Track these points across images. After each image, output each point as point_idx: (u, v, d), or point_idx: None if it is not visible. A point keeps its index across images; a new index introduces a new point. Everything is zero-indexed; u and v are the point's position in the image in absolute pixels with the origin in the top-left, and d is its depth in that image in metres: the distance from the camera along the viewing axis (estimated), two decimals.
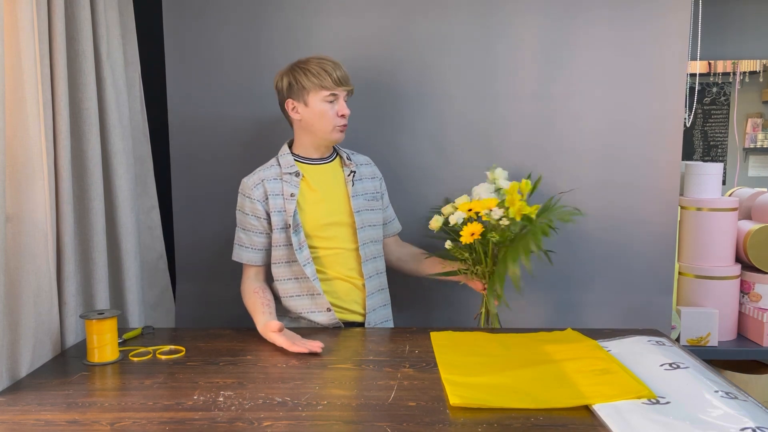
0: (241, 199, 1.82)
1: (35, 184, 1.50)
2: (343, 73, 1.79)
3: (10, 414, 1.24)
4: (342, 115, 1.79)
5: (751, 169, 5.94)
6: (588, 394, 1.28)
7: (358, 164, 1.91)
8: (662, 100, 2.11)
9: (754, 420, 1.12)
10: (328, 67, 1.77)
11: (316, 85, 1.76)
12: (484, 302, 1.89)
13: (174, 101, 2.15)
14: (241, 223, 1.82)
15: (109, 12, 1.87)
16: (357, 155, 1.95)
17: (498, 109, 2.13)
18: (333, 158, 1.89)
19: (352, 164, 1.88)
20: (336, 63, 1.79)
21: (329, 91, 1.76)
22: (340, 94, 1.79)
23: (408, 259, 2.01)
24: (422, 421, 1.19)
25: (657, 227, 2.15)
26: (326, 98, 1.77)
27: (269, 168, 1.83)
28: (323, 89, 1.76)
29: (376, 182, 1.94)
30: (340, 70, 1.79)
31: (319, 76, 1.76)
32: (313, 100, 1.77)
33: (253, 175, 1.83)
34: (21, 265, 1.45)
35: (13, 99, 1.44)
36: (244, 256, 1.83)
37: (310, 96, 1.77)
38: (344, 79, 1.79)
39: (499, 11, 2.09)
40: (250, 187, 1.80)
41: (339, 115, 1.79)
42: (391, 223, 2.00)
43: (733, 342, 2.37)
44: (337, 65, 1.79)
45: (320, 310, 1.81)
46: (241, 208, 1.82)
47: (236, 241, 1.84)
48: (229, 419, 1.20)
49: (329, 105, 1.78)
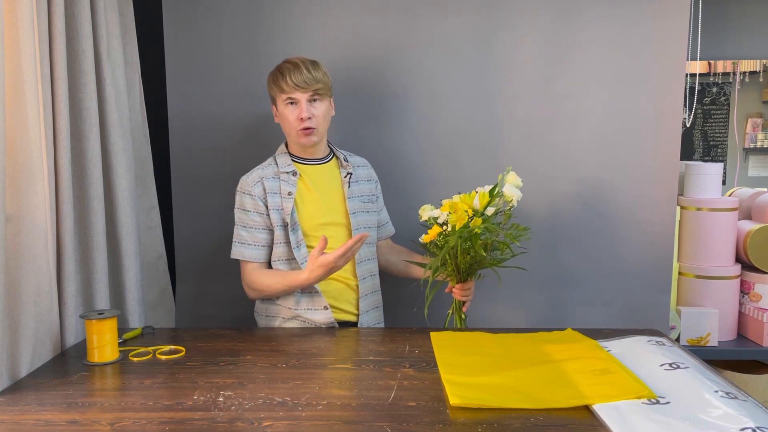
0: (240, 197, 1.82)
1: (35, 184, 1.50)
2: (304, 75, 1.72)
3: (10, 414, 1.24)
4: (300, 118, 1.75)
5: (751, 169, 5.94)
6: (588, 394, 1.28)
7: (355, 166, 1.91)
8: (662, 100, 2.11)
9: (754, 420, 1.12)
10: (286, 70, 1.74)
11: (275, 90, 1.77)
12: (453, 303, 1.87)
13: (174, 101, 2.15)
14: (242, 221, 1.82)
15: (109, 12, 1.87)
16: (354, 157, 1.95)
17: (497, 108, 2.13)
18: (329, 159, 1.89)
19: (348, 166, 1.88)
20: (296, 64, 1.74)
21: (286, 95, 1.75)
22: (300, 97, 1.74)
23: (397, 262, 2.01)
24: (422, 421, 1.19)
25: (656, 227, 2.15)
26: (285, 102, 1.76)
27: (267, 167, 1.84)
28: (281, 93, 1.75)
29: (372, 184, 1.94)
30: (299, 71, 1.72)
31: (277, 80, 1.76)
32: (279, 104, 1.79)
33: (251, 173, 1.83)
34: (21, 265, 1.45)
35: (13, 99, 1.44)
36: (246, 254, 1.82)
37: (277, 101, 1.79)
38: (302, 81, 1.72)
39: (498, 11, 2.09)
40: (250, 184, 1.80)
41: (298, 118, 1.75)
42: (384, 226, 2.01)
43: (733, 342, 2.37)
44: (297, 66, 1.73)
45: (317, 308, 1.81)
46: (242, 205, 1.82)
47: (236, 239, 1.83)
48: (229, 419, 1.20)
49: (290, 109, 1.76)
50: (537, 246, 2.14)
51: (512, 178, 1.82)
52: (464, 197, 1.77)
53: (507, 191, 1.79)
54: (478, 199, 1.76)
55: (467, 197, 1.76)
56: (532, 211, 2.13)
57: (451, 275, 1.80)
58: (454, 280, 1.81)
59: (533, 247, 2.14)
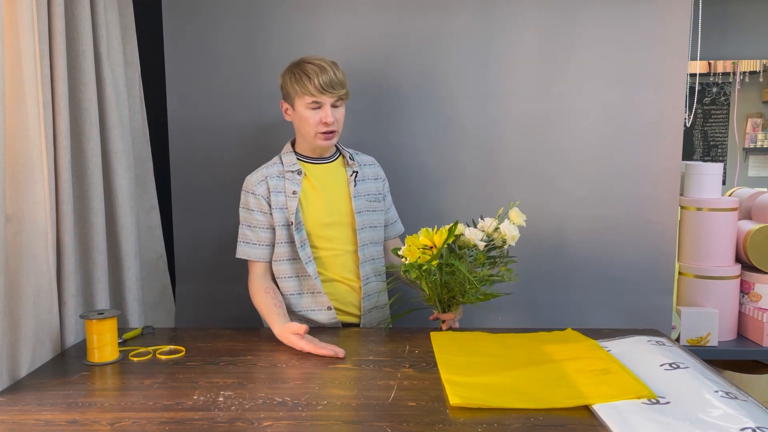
0: (245, 197, 1.82)
1: (35, 184, 1.50)
2: (331, 79, 1.70)
3: (10, 414, 1.24)
4: (325, 122, 1.73)
5: (751, 169, 5.94)
6: (588, 394, 1.28)
7: (361, 164, 1.90)
8: (662, 100, 2.11)
9: (754, 420, 1.12)
10: (312, 73, 1.70)
11: (299, 91, 1.72)
12: None
13: (174, 101, 2.15)
14: (246, 220, 1.82)
15: (109, 12, 1.87)
16: (361, 155, 1.94)
17: (497, 108, 2.13)
18: (335, 158, 1.88)
19: (354, 164, 1.87)
20: (323, 67, 1.71)
21: (312, 98, 1.71)
22: (325, 101, 1.72)
23: (399, 264, 2.00)
24: (422, 421, 1.19)
25: (657, 227, 2.15)
26: (309, 105, 1.73)
27: (272, 166, 1.83)
28: (306, 95, 1.71)
29: (379, 183, 1.93)
30: (327, 75, 1.70)
31: (302, 81, 1.71)
32: (298, 105, 1.75)
33: (256, 172, 1.82)
34: (21, 265, 1.45)
35: (13, 99, 1.44)
36: (251, 253, 1.81)
37: (296, 100, 1.75)
38: (330, 85, 1.70)
39: (498, 11, 2.09)
40: (253, 183, 1.79)
41: (322, 122, 1.74)
42: (392, 225, 1.99)
43: (733, 342, 2.37)
44: (324, 69, 1.70)
45: (321, 309, 1.81)
46: (246, 205, 1.81)
47: (241, 239, 1.82)
48: (229, 419, 1.20)
49: (313, 111, 1.73)
50: (537, 246, 2.14)
51: (515, 215, 1.74)
52: (425, 232, 1.68)
53: (504, 228, 1.71)
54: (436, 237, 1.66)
55: (428, 233, 1.68)
56: (533, 211, 2.12)
57: (433, 304, 1.78)
58: (437, 310, 1.78)
59: (533, 247, 2.14)
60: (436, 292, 1.72)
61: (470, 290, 1.69)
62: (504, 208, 1.81)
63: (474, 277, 1.66)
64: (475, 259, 1.69)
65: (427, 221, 1.94)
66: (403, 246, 1.75)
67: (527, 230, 2.09)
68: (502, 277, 1.71)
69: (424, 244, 1.67)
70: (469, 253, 1.70)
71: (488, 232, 1.73)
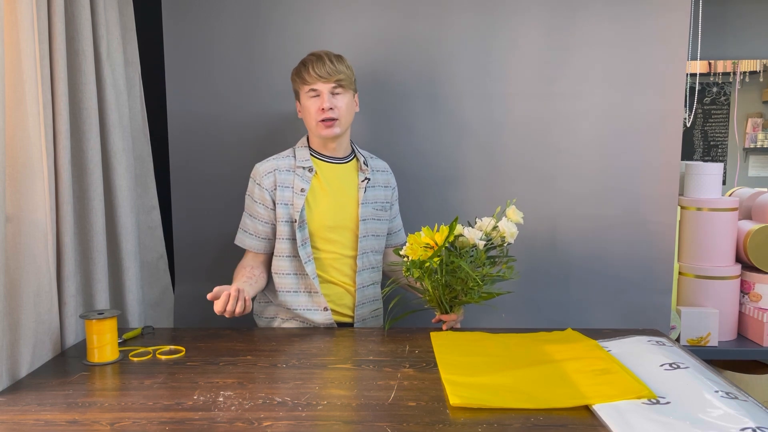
0: (251, 185, 1.81)
1: (35, 184, 1.50)
2: (326, 65, 1.71)
3: (10, 414, 1.24)
4: (321, 108, 1.72)
5: (751, 169, 5.94)
6: (588, 394, 1.28)
7: (374, 170, 1.88)
8: (662, 100, 2.11)
9: (754, 420, 1.12)
10: (309, 62, 1.73)
11: (299, 82, 1.76)
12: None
13: (174, 101, 2.15)
14: (249, 208, 1.82)
15: (109, 12, 1.87)
16: (376, 160, 1.93)
17: (496, 108, 2.13)
18: (350, 159, 1.86)
19: (367, 170, 1.85)
20: (320, 56, 1.73)
21: (309, 86, 1.73)
22: (322, 88, 1.72)
23: (398, 270, 1.98)
24: (422, 421, 1.19)
25: (656, 227, 2.15)
26: (308, 94, 1.75)
27: (284, 158, 1.82)
28: (304, 84, 1.74)
29: (389, 191, 1.91)
30: (322, 62, 1.71)
31: (300, 72, 1.75)
32: (303, 98, 1.77)
33: (266, 162, 1.81)
34: (21, 265, 1.45)
35: (13, 99, 1.44)
36: (246, 242, 1.82)
37: (300, 94, 1.78)
38: (324, 72, 1.71)
39: (498, 11, 2.10)
40: (261, 174, 1.79)
41: (320, 109, 1.73)
42: (396, 234, 1.98)
43: (733, 342, 2.37)
44: (320, 58, 1.72)
45: (317, 308, 1.80)
46: (251, 193, 1.81)
47: (241, 226, 1.83)
48: (229, 419, 1.20)
49: (312, 100, 1.74)
50: (537, 246, 2.15)
51: (512, 213, 1.75)
52: (427, 231, 1.69)
53: (502, 226, 1.72)
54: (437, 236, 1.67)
55: (429, 232, 1.69)
56: (534, 210, 2.13)
57: (435, 306, 1.78)
58: (439, 311, 1.78)
59: (533, 247, 2.14)
60: (438, 292, 1.72)
61: (473, 288, 1.69)
62: (501, 207, 1.82)
63: (476, 275, 1.66)
64: (476, 259, 1.69)
65: (429, 221, 1.95)
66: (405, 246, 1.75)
67: (528, 230, 2.09)
68: (503, 275, 1.71)
69: (426, 242, 1.67)
70: (470, 253, 1.70)
71: (487, 231, 1.73)
